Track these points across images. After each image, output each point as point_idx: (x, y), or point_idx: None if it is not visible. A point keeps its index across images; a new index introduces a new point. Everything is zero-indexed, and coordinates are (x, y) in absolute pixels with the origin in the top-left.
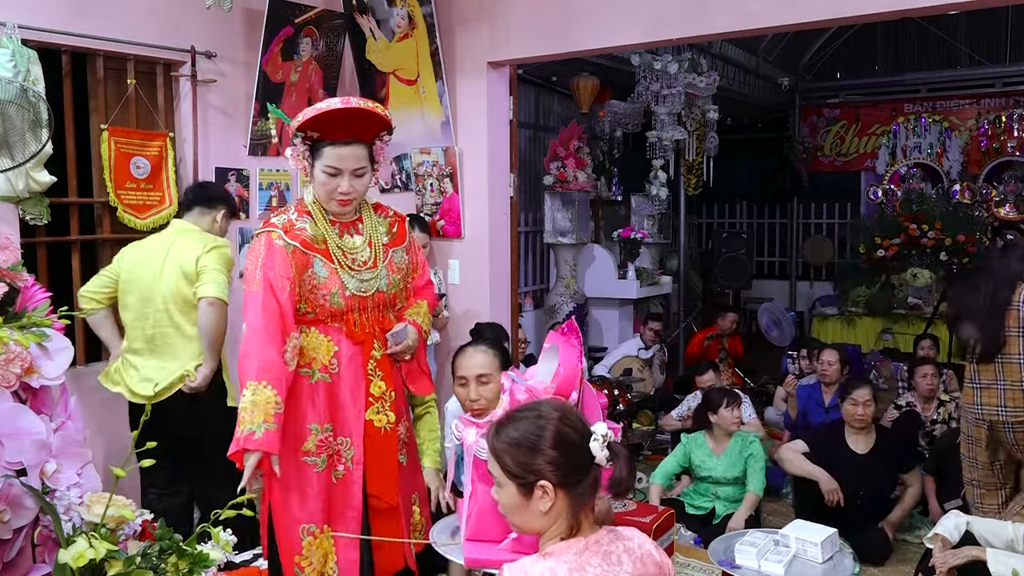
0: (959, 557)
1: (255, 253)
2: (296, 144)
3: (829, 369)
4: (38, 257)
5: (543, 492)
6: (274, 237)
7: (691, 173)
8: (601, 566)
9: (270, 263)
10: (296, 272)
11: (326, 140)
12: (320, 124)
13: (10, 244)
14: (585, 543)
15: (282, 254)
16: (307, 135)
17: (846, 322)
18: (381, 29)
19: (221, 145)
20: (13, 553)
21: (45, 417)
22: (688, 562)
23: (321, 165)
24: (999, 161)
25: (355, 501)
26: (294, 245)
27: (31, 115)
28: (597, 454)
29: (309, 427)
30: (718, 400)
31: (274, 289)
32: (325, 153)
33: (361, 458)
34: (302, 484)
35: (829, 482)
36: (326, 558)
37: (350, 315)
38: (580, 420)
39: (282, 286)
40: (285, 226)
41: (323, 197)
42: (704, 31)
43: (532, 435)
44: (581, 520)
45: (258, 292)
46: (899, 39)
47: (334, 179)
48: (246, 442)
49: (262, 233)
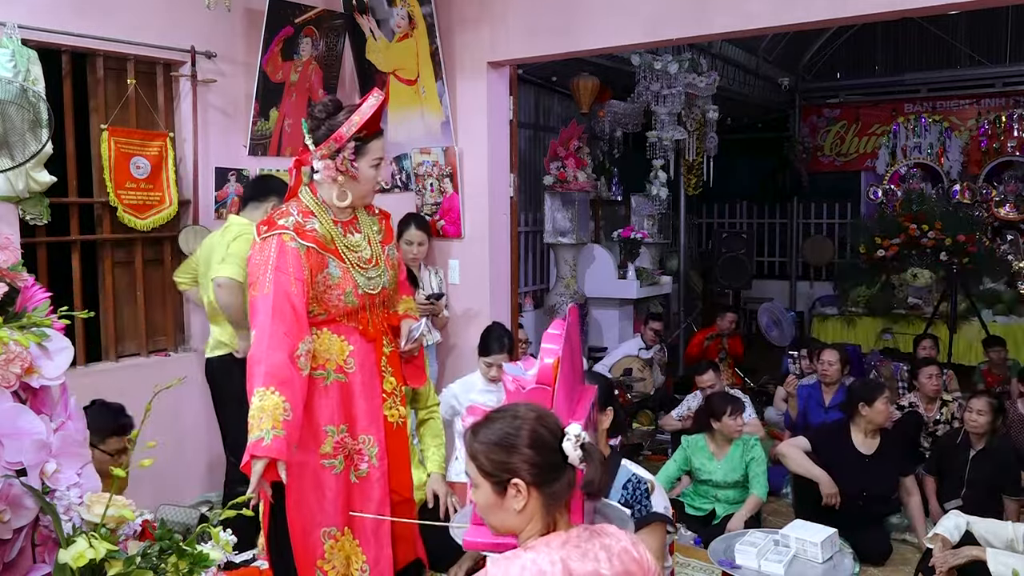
0: (959, 557)
1: (264, 256)
2: (347, 148)
3: (830, 369)
4: (38, 257)
5: (516, 491)
6: (286, 239)
7: (691, 173)
8: (581, 561)
9: (282, 266)
10: (310, 273)
11: (370, 136)
12: (368, 121)
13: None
14: (566, 537)
15: (295, 256)
16: (360, 137)
17: (846, 322)
18: (381, 29)
19: (221, 145)
20: (13, 553)
21: (45, 417)
22: (688, 562)
23: (369, 160)
24: (999, 161)
25: (382, 495)
26: (308, 246)
27: (31, 115)
28: (570, 454)
29: (325, 429)
30: (721, 408)
31: (287, 292)
32: (372, 148)
33: (384, 454)
34: (321, 487)
35: (830, 486)
36: (349, 560)
37: (363, 313)
38: (555, 421)
39: (296, 289)
40: (295, 227)
41: (365, 193)
42: (704, 31)
43: (508, 435)
44: (556, 519)
45: (268, 295)
46: (899, 39)
47: (378, 170)
48: (254, 449)
49: (271, 236)
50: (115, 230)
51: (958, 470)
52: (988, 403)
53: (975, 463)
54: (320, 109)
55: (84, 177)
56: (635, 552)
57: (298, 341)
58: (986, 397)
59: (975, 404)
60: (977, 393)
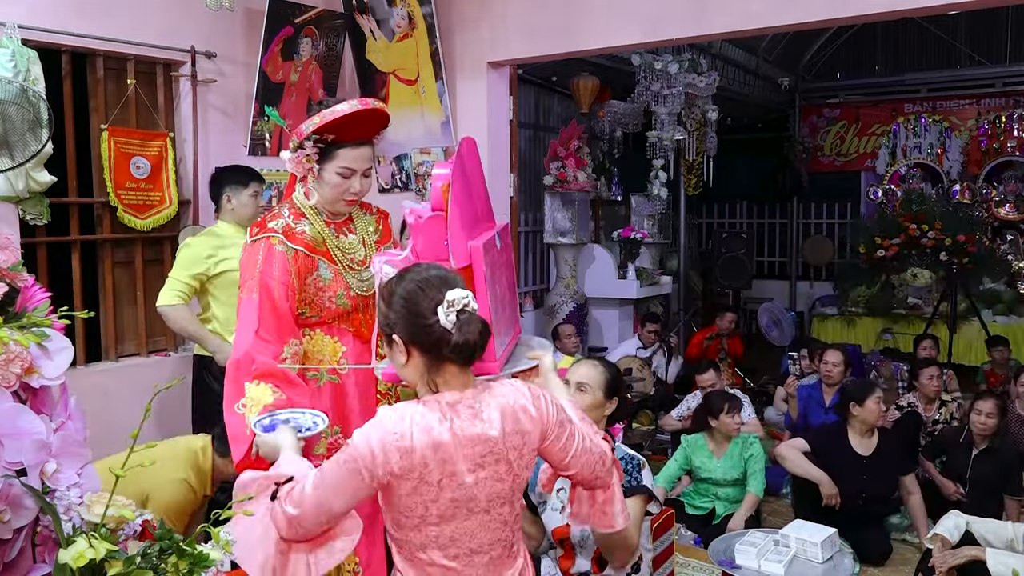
0: (958, 557)
1: (251, 259)
2: (306, 147)
3: (834, 371)
4: (38, 257)
5: (398, 347)
6: (274, 242)
7: (691, 173)
8: (467, 419)
9: (268, 269)
10: (298, 277)
11: (341, 142)
12: (337, 126)
13: (10, 244)
14: (459, 397)
15: (282, 259)
16: (321, 138)
17: (846, 322)
18: (381, 29)
19: (221, 145)
20: (13, 553)
21: (45, 417)
22: (688, 562)
23: (335, 167)
24: (999, 161)
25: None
26: (296, 249)
27: (31, 115)
28: (441, 319)
29: None
30: (719, 405)
31: (272, 296)
32: (340, 155)
33: None
34: None
35: (831, 487)
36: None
37: (355, 314)
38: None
39: (281, 293)
40: (284, 230)
41: (332, 199)
42: (704, 31)
43: (390, 292)
44: (438, 382)
45: (255, 300)
46: (899, 39)
47: (347, 180)
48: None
49: (259, 239)
50: (115, 230)
51: (960, 469)
52: (996, 405)
53: (977, 462)
54: (316, 106)
55: (84, 177)
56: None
57: (283, 344)
58: (994, 400)
59: (983, 406)
60: (984, 395)
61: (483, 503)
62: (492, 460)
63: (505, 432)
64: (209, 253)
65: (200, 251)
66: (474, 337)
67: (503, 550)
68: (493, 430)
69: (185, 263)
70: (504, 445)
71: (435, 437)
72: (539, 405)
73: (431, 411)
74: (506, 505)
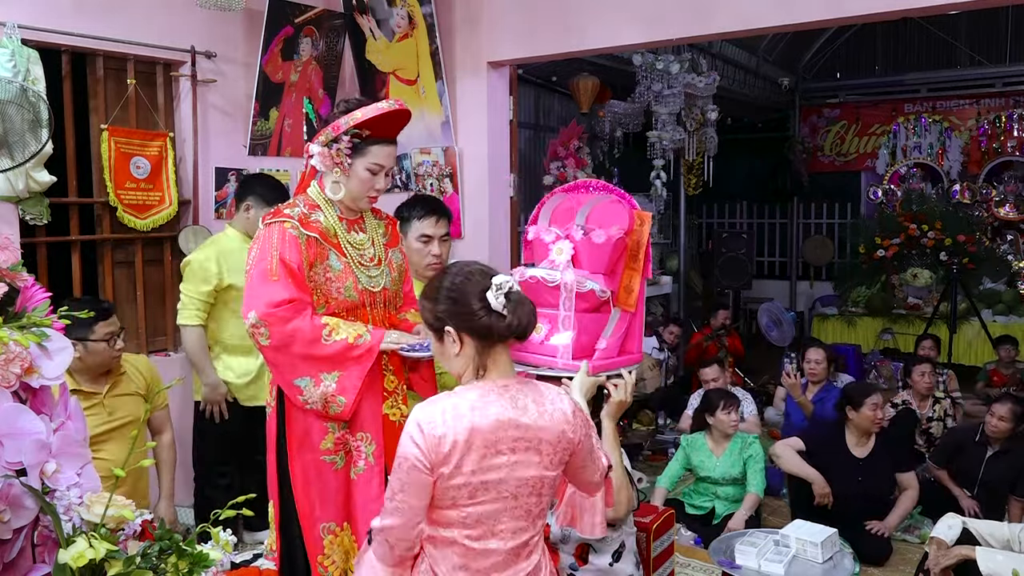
0: (949, 557)
1: (268, 242)
2: (342, 141)
3: (816, 368)
4: (38, 257)
5: (451, 337)
6: (287, 227)
7: (691, 173)
8: (502, 405)
9: (285, 250)
10: (307, 264)
11: (375, 138)
12: (371, 123)
13: (10, 244)
14: (492, 386)
15: (294, 243)
16: (357, 133)
17: (846, 322)
18: (381, 29)
19: (221, 145)
20: (13, 553)
21: (45, 417)
22: (688, 562)
23: (366, 162)
24: (999, 161)
25: (380, 492)
26: (310, 235)
27: (31, 115)
28: (493, 302)
29: (326, 425)
30: (715, 403)
31: (294, 272)
32: (373, 151)
33: (383, 451)
34: (322, 483)
35: (823, 485)
36: (348, 555)
37: (363, 310)
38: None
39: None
40: (300, 217)
41: (358, 194)
42: (704, 31)
43: (435, 288)
44: (488, 364)
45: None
46: (899, 39)
47: (375, 176)
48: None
49: (273, 223)
50: (115, 230)
51: (972, 469)
52: (1011, 410)
53: (991, 463)
54: (342, 103)
55: (84, 177)
56: (572, 418)
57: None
58: (1010, 403)
59: (998, 409)
60: (1004, 398)
61: (512, 487)
62: (523, 446)
63: (540, 425)
64: (217, 269)
65: (210, 266)
66: (525, 315)
67: (525, 541)
68: (528, 418)
69: (196, 279)
70: (538, 436)
71: (474, 420)
72: (576, 421)
73: (475, 395)
74: (533, 496)
